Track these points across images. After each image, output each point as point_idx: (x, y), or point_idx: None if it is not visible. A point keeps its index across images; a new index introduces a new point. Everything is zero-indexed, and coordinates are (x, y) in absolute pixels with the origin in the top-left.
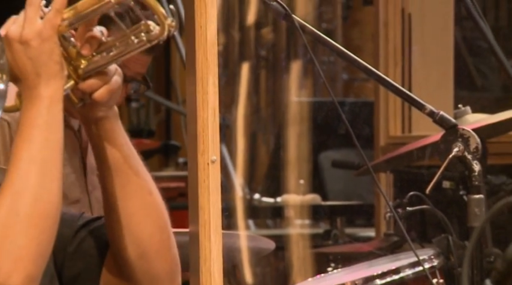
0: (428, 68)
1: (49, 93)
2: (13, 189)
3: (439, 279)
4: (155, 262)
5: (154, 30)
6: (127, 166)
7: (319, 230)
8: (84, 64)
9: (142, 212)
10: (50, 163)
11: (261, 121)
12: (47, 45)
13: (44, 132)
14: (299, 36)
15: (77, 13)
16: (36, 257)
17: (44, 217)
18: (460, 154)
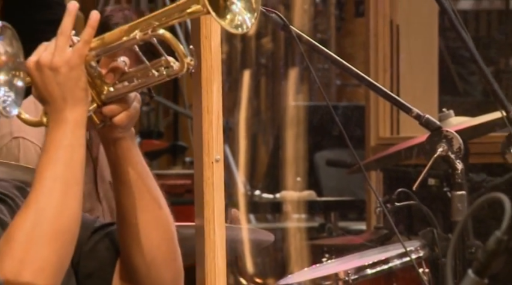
0: (415, 75)
1: (74, 117)
2: (38, 205)
3: (425, 269)
4: (162, 270)
5: (174, 66)
6: (141, 183)
7: (314, 224)
8: (107, 91)
9: (153, 225)
10: (72, 182)
11: (261, 124)
12: (75, 73)
13: (68, 153)
14: (296, 45)
15: (104, 44)
16: (57, 269)
17: (65, 232)
18: (444, 153)
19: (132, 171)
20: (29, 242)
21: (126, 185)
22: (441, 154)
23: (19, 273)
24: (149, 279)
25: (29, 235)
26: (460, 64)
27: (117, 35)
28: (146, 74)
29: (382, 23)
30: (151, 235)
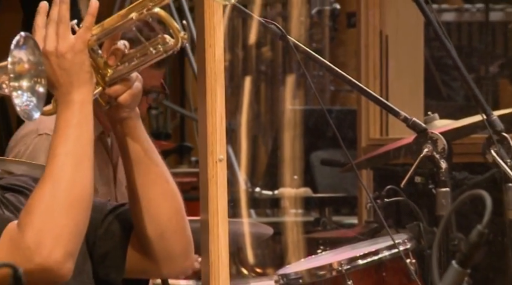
0: (402, 81)
1: (80, 97)
2: (52, 178)
3: (412, 259)
4: (172, 241)
5: (169, 42)
6: (147, 158)
7: (310, 218)
8: (110, 73)
9: (161, 198)
10: (83, 156)
11: (260, 126)
12: (79, 58)
13: (77, 130)
14: (293, 54)
15: (104, 29)
16: (74, 235)
17: (79, 200)
18: (429, 153)
19: (138, 147)
20: (47, 212)
21: (134, 161)
22: (427, 154)
23: (39, 241)
24: (161, 250)
25: (47, 206)
26: (443, 72)
27: (115, 19)
28: (145, 52)
29: (372, 34)
30: (161, 207)
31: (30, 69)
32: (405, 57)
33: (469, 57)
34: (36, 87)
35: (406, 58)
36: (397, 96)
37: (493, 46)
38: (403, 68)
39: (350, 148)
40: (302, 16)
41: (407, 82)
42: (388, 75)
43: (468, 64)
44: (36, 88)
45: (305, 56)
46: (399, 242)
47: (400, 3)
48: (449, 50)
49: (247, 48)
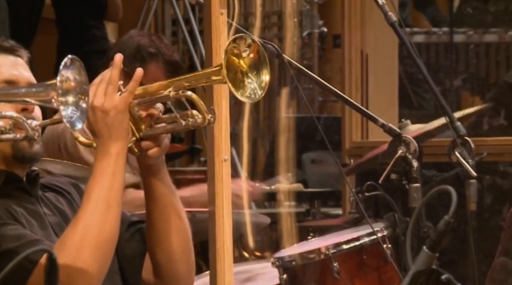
0: (380, 93)
1: (117, 151)
2: (84, 221)
3: (388, 244)
4: (178, 265)
5: (197, 119)
6: (166, 198)
7: (301, 209)
8: (144, 130)
9: (173, 231)
10: (113, 202)
11: (259, 131)
12: (120, 116)
13: (110, 179)
14: (287, 70)
15: (145, 94)
16: (98, 272)
17: (106, 243)
18: (403, 154)
19: (160, 189)
20: (77, 250)
21: (154, 199)
22: (401, 155)
23: (69, 275)
24: (168, 272)
25: (77, 245)
26: (415, 84)
27: (156, 87)
28: (174, 122)
29: (354, 53)
30: (172, 239)
31: (75, 87)
32: (382, 73)
33: (436, 73)
34: (80, 103)
35: (383, 73)
36: (375, 106)
37: (457, 63)
38: (380, 82)
39: (336, 149)
40: (295, 37)
41: (384, 93)
42: (368, 87)
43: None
44: (79, 103)
45: (297, 72)
46: (377, 229)
47: (378, 27)
48: (420, 66)
49: None
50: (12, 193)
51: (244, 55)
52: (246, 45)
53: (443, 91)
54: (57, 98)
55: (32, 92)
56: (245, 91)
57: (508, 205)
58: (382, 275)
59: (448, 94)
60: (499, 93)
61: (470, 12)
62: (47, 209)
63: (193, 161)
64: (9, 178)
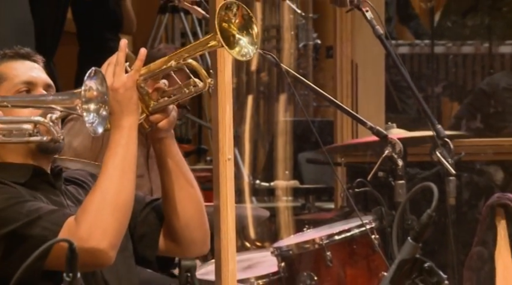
0: (368, 99)
1: (128, 124)
2: (103, 186)
3: (376, 235)
4: (194, 232)
5: (199, 85)
6: (178, 169)
7: (298, 204)
8: (153, 104)
9: (187, 199)
10: (128, 170)
11: (260, 133)
12: (129, 93)
13: (124, 149)
14: (285, 78)
15: (150, 71)
16: (117, 231)
17: (123, 205)
18: (389, 154)
19: (172, 161)
20: (97, 211)
21: (167, 171)
22: (387, 155)
23: (90, 233)
24: (185, 239)
25: (97, 207)
26: (400, 91)
27: (158, 64)
28: (180, 91)
29: (345, 62)
30: (186, 207)
31: (97, 96)
32: (370, 81)
33: (419, 81)
34: (101, 111)
35: (371, 81)
36: (364, 110)
37: (437, 72)
38: (368, 89)
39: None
40: (292, 49)
41: (372, 99)
42: (358, 94)
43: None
44: (100, 111)
45: (294, 79)
46: (366, 222)
47: (367, 39)
48: (404, 75)
49: (250, 74)
50: (39, 185)
51: (233, 20)
52: (234, 10)
53: (425, 97)
54: (81, 106)
55: (58, 99)
56: (239, 49)
57: (484, 200)
58: (370, 263)
59: (429, 100)
60: (475, 99)
61: (450, 26)
62: (69, 200)
63: (200, 160)
64: (36, 172)
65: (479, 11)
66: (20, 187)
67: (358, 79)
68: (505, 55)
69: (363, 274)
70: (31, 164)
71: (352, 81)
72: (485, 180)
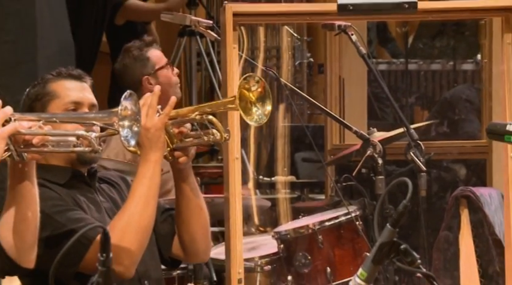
0: (353, 107)
1: (155, 158)
2: (128, 211)
3: (360, 222)
4: (198, 244)
5: (216, 136)
6: (192, 194)
7: (294, 195)
8: (176, 143)
9: (195, 220)
10: (151, 198)
11: (262, 136)
12: (158, 133)
13: (149, 181)
14: (284, 90)
15: (178, 116)
16: (139, 250)
17: (145, 228)
18: (371, 154)
19: (187, 187)
20: (123, 233)
21: (182, 195)
22: (369, 154)
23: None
24: (191, 249)
25: (123, 229)
26: (379, 102)
27: (185, 112)
28: (199, 138)
29: (334, 77)
30: (194, 224)
31: (131, 115)
32: (355, 92)
33: (395, 93)
34: (133, 127)
35: (355, 93)
36: (350, 117)
37: (411, 86)
38: (353, 99)
39: (320, 150)
40: (289, 66)
41: (356, 108)
42: (344, 103)
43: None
44: (133, 127)
45: (291, 91)
46: (351, 210)
47: (352, 58)
48: (383, 88)
49: None
50: (77, 185)
51: (253, 90)
52: (254, 82)
53: (401, 106)
54: (118, 122)
55: (99, 117)
56: (253, 118)
57: (449, 192)
58: (355, 245)
59: (404, 108)
60: (442, 108)
61: (421, 47)
62: (102, 197)
63: (212, 159)
64: (75, 174)
65: (445, 34)
66: (59, 187)
67: (344, 92)
68: (467, 72)
69: (349, 254)
70: (70, 168)
71: (339, 93)
72: (450, 176)
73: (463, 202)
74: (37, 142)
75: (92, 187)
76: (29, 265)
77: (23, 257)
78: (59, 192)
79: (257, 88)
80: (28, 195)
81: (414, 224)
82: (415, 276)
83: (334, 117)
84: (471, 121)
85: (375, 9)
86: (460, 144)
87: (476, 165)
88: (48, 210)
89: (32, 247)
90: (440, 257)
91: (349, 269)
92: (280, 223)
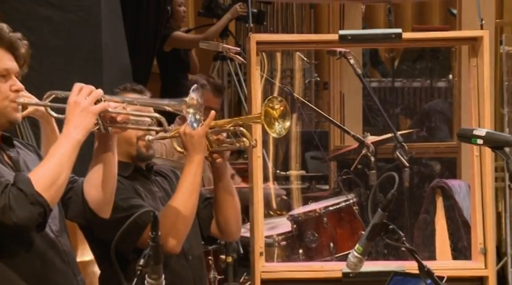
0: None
1: (198, 159)
2: (177, 201)
3: (356, 207)
4: (231, 226)
5: (246, 143)
6: (226, 186)
7: (304, 186)
8: (214, 148)
9: (229, 205)
10: (194, 191)
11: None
12: (200, 139)
13: (193, 177)
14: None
15: (216, 126)
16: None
17: (190, 214)
18: (365, 153)
19: (223, 181)
20: (172, 218)
21: (218, 187)
22: (364, 153)
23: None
24: (225, 229)
25: (172, 215)
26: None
27: (222, 122)
28: (232, 144)
29: (336, 93)
30: (228, 210)
31: (196, 105)
32: (353, 104)
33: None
34: (196, 115)
35: (353, 105)
36: (349, 124)
37: (396, 99)
38: (352, 110)
39: (325, 150)
40: (301, 83)
41: (353, 117)
42: (344, 113)
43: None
44: (196, 115)
45: (302, 104)
46: (349, 198)
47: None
48: (375, 101)
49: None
50: (137, 177)
51: (276, 108)
52: (278, 102)
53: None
54: (186, 109)
55: (171, 104)
56: (275, 131)
57: (427, 184)
58: (352, 225)
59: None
60: (422, 117)
61: (405, 68)
62: (157, 188)
63: (240, 157)
64: (136, 168)
65: (424, 58)
66: (124, 178)
67: (344, 104)
68: (441, 88)
69: (348, 233)
70: (133, 163)
71: (340, 104)
72: (428, 170)
73: (438, 191)
74: (120, 120)
75: (149, 179)
76: (104, 215)
77: (101, 209)
78: (124, 183)
79: (280, 107)
80: (109, 162)
81: (400, 209)
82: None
83: (336, 124)
84: (444, 127)
85: (369, 39)
86: (435, 145)
87: (448, 162)
88: (115, 198)
89: (109, 202)
90: (420, 234)
91: (348, 245)
92: (293, 207)
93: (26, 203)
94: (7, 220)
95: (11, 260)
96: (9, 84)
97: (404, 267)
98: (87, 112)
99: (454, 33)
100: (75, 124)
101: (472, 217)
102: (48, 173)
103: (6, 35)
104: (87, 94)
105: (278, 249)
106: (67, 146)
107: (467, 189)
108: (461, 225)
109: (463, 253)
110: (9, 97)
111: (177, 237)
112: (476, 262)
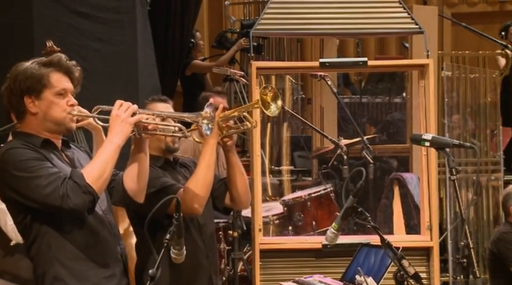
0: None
1: (212, 143)
2: (198, 174)
3: (333, 194)
4: (242, 197)
5: (249, 126)
6: (236, 166)
7: (293, 178)
8: (224, 133)
9: (239, 181)
10: (210, 167)
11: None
12: (214, 128)
13: (209, 156)
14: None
15: (225, 116)
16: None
17: (208, 184)
18: (340, 153)
19: (233, 162)
20: (195, 188)
21: (230, 165)
22: (339, 153)
23: (191, 200)
24: (237, 201)
25: (195, 186)
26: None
27: (230, 112)
28: (238, 128)
29: (318, 106)
30: (238, 184)
31: (209, 117)
32: (330, 116)
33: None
34: (209, 124)
35: (330, 116)
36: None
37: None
38: (329, 120)
39: (309, 150)
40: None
41: (330, 125)
42: (323, 122)
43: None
44: (209, 124)
45: (291, 115)
46: (328, 187)
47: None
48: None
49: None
50: (167, 168)
51: (268, 94)
52: (268, 90)
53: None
54: (201, 120)
55: (190, 116)
56: (270, 110)
57: (387, 176)
58: (330, 208)
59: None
60: (383, 126)
61: (370, 88)
62: (180, 176)
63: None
64: (166, 161)
65: (384, 80)
66: (157, 168)
67: (324, 115)
68: (397, 103)
69: (326, 214)
70: (163, 156)
71: (320, 116)
72: (387, 166)
73: (395, 182)
74: (151, 128)
75: (175, 169)
76: (139, 200)
77: (137, 195)
78: (157, 169)
79: (270, 93)
80: (142, 160)
81: (366, 195)
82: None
83: (317, 130)
84: (400, 133)
85: (342, 65)
86: (393, 147)
87: (403, 159)
88: (152, 178)
89: (142, 190)
90: (382, 215)
91: (326, 223)
92: (285, 194)
93: (80, 193)
94: (65, 205)
95: (69, 235)
96: (66, 100)
97: (369, 240)
98: (126, 122)
99: (407, 61)
100: (116, 131)
101: (421, 201)
102: (96, 169)
103: (64, 63)
104: (126, 109)
105: (273, 227)
106: (110, 148)
107: (417, 180)
108: (413, 208)
109: (414, 229)
110: (67, 110)
111: (199, 201)
112: (424, 236)
